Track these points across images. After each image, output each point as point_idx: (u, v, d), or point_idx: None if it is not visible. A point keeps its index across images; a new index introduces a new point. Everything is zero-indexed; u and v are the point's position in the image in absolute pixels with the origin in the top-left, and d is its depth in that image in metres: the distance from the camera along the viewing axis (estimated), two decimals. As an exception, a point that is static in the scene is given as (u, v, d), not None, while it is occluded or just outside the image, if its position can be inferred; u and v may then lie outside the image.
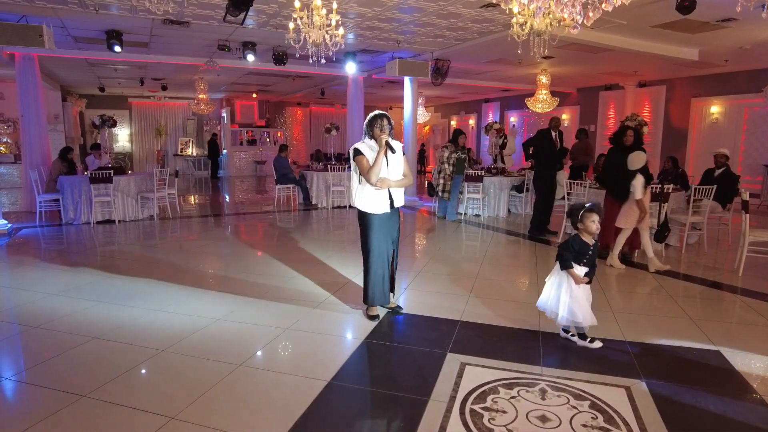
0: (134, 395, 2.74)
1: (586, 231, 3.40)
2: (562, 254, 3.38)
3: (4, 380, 2.93)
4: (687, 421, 2.56)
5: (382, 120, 3.67)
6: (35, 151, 9.08)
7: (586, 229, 3.39)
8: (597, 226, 3.39)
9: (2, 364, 3.17)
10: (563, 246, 3.42)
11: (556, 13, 3.34)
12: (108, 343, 3.44)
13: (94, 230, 7.62)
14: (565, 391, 2.83)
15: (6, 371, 3.06)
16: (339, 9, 6.61)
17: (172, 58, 9.98)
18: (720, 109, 11.97)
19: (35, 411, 2.58)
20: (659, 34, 7.77)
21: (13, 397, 2.81)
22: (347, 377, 2.99)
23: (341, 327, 3.78)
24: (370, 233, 3.79)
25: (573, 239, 3.40)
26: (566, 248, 3.38)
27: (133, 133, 18.41)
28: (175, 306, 4.19)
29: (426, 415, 2.56)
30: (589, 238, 3.40)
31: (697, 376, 3.07)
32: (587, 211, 3.38)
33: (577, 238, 3.40)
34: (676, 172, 7.85)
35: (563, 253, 3.38)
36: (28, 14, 6.79)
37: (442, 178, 8.51)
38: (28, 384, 2.90)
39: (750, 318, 4.19)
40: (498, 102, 18.68)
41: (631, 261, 5.94)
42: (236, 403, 2.67)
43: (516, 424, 2.49)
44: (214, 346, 3.40)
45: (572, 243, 3.38)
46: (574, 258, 3.35)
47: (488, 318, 3.97)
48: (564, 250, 3.38)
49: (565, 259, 3.36)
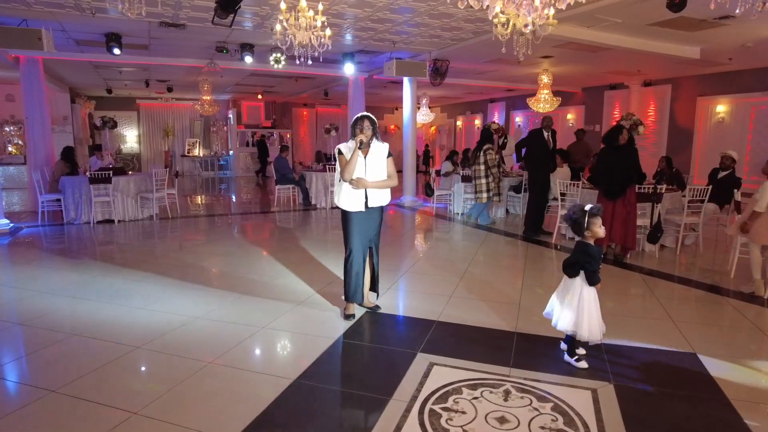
0: (102, 391, 2.79)
1: (594, 236, 3.20)
2: (592, 270, 3.10)
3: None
4: (649, 424, 2.54)
5: (363, 121, 3.72)
6: (39, 152, 9.26)
7: (594, 234, 3.18)
8: (604, 230, 3.22)
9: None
10: (583, 260, 3.12)
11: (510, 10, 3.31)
12: (86, 339, 3.51)
13: (94, 230, 7.75)
14: (530, 392, 2.82)
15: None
16: (331, 9, 6.67)
17: (173, 59, 10.10)
18: (726, 108, 11.77)
19: (1, 406, 2.64)
20: (657, 33, 7.66)
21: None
22: (314, 376, 3.01)
23: (317, 326, 3.80)
24: (347, 229, 3.86)
25: (588, 248, 3.15)
26: (589, 261, 3.11)
27: (141, 134, 18.65)
28: (158, 304, 4.25)
29: (384, 414, 2.57)
30: (591, 242, 3.22)
31: (668, 379, 3.04)
32: (593, 216, 3.16)
33: (590, 247, 3.17)
34: (671, 172, 7.75)
35: (593, 269, 3.10)
36: (28, 18, 6.93)
37: (485, 179, 8.29)
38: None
39: (734, 321, 4.13)
40: (503, 102, 18.58)
41: (624, 262, 5.87)
42: (200, 400, 2.70)
43: (473, 425, 2.48)
44: (190, 343, 3.45)
45: (591, 253, 3.13)
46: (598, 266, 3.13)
47: (466, 319, 3.96)
48: (591, 265, 3.10)
49: (596, 274, 3.11)
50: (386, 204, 3.95)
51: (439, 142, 22.46)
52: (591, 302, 3.15)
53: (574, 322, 3.14)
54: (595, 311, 3.16)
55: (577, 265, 3.16)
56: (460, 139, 21.01)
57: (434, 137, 22.89)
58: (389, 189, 3.93)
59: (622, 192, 5.66)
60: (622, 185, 5.64)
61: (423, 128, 21.47)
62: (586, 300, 3.14)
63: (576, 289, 3.17)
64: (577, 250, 3.20)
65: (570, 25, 7.25)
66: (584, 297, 3.14)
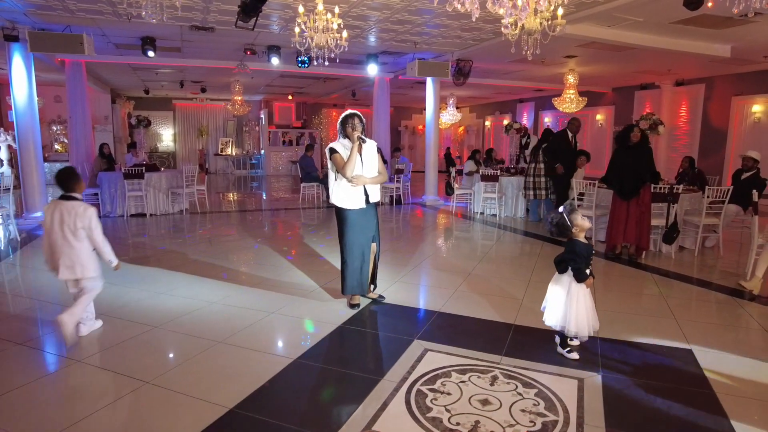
0: (121, 363, 3.07)
1: (582, 229, 3.22)
2: (577, 267, 3.13)
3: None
4: (627, 413, 2.61)
5: (353, 119, 3.89)
6: (81, 150, 9.87)
7: (582, 227, 3.21)
8: (587, 219, 3.28)
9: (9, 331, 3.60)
10: (572, 259, 3.16)
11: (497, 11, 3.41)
12: (111, 319, 3.82)
13: (127, 222, 8.23)
14: (517, 379, 2.93)
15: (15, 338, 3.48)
16: (351, 12, 6.88)
17: (204, 61, 10.57)
18: (763, 108, 11.36)
19: (33, 371, 2.96)
20: (682, 31, 7.53)
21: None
22: (313, 357, 3.21)
23: (321, 314, 4.00)
24: (345, 228, 3.99)
25: (577, 246, 3.18)
26: (576, 259, 3.14)
27: (177, 133, 19.43)
28: (178, 290, 4.55)
29: (373, 392, 2.74)
30: (582, 238, 3.26)
31: (658, 372, 3.08)
32: (572, 213, 3.22)
33: (579, 244, 3.19)
34: (693, 173, 7.60)
35: (578, 266, 3.13)
36: (72, 24, 7.45)
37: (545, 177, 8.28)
38: (31, 348, 3.30)
39: (737, 320, 4.10)
40: (532, 102, 18.41)
41: (638, 262, 5.84)
42: (206, 374, 2.94)
43: (455, 406, 2.62)
44: (202, 325, 3.71)
45: (579, 251, 3.16)
46: (586, 264, 3.17)
47: (467, 311, 4.08)
48: (575, 263, 3.14)
49: (582, 271, 3.14)
50: (380, 199, 4.11)
51: (467, 142, 22.41)
52: (580, 299, 3.18)
53: (562, 318, 3.20)
54: (584, 308, 3.19)
55: (565, 263, 3.22)
56: (489, 140, 20.91)
57: (462, 137, 22.86)
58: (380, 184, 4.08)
59: (636, 192, 5.63)
60: (636, 185, 5.61)
61: (451, 128, 21.52)
62: (575, 296, 3.18)
63: (565, 285, 3.23)
64: (566, 248, 3.25)
65: (590, 25, 7.23)
66: (573, 293, 3.19)
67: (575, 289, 3.18)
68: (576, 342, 3.38)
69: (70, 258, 3.31)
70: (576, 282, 3.18)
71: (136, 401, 2.64)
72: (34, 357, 3.21)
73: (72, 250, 3.31)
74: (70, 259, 3.31)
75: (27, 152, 8.00)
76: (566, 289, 3.20)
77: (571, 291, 3.18)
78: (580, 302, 3.17)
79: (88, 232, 3.35)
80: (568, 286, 3.20)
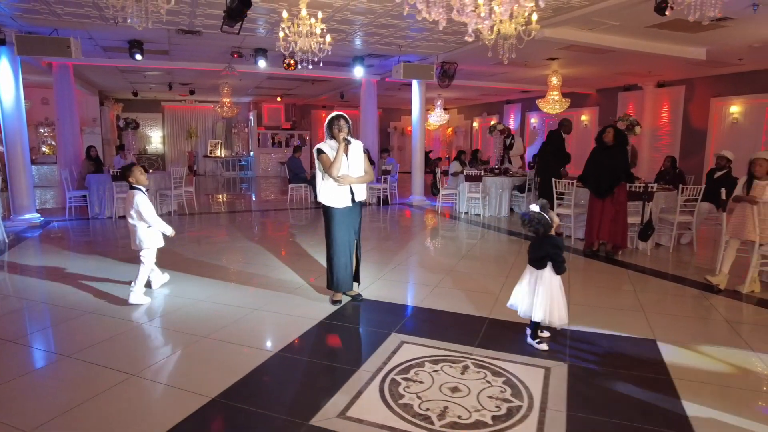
0: (108, 357, 3.18)
1: (557, 226, 3.45)
2: (561, 260, 3.31)
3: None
4: (589, 398, 2.78)
5: (339, 121, 4.03)
6: (69, 152, 9.91)
7: (557, 224, 3.41)
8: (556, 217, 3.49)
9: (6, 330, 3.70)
10: (554, 253, 3.32)
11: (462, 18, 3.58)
12: (99, 317, 3.92)
13: (115, 224, 8.30)
14: (487, 368, 3.08)
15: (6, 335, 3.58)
16: (335, 16, 7.02)
17: (193, 64, 10.64)
18: (740, 108, 11.66)
19: (26, 366, 3.07)
20: (658, 34, 7.76)
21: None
22: (294, 350, 3.35)
23: (305, 309, 4.13)
24: (332, 225, 4.14)
25: (558, 241, 3.41)
26: (558, 253, 3.32)
27: (166, 135, 19.43)
28: (165, 289, 4.66)
29: (349, 381, 2.88)
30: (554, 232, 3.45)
31: (621, 361, 3.25)
32: (547, 210, 3.40)
33: (558, 239, 3.43)
34: (674, 172, 7.83)
35: (562, 259, 3.32)
36: (59, 27, 7.51)
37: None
38: (21, 345, 3.41)
39: (703, 312, 4.29)
40: (519, 103, 18.66)
41: (615, 259, 6.03)
42: (189, 367, 3.07)
43: (426, 393, 2.77)
44: (189, 321, 3.83)
45: (560, 245, 3.39)
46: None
47: (444, 306, 4.24)
48: (558, 256, 3.32)
49: (563, 264, 3.32)
50: (365, 198, 4.27)
51: (455, 143, 22.63)
52: (559, 290, 3.39)
53: (546, 311, 3.35)
54: (562, 298, 3.39)
55: (547, 258, 3.38)
56: (477, 141, 21.14)
57: (451, 138, 23.07)
58: (366, 184, 4.23)
59: (610, 191, 5.83)
60: (611, 184, 5.81)
61: (440, 130, 21.73)
62: (556, 288, 3.38)
63: (546, 279, 3.38)
64: (547, 244, 3.39)
65: (568, 28, 7.43)
66: (555, 286, 3.37)
67: (556, 282, 3.36)
68: (546, 334, 3.54)
69: (133, 234, 4.31)
70: (556, 274, 3.35)
71: (123, 392, 2.75)
72: (24, 353, 3.31)
73: (133, 228, 4.30)
74: (133, 234, 4.31)
75: (14, 155, 8.05)
76: (548, 282, 3.34)
77: (554, 284, 3.35)
78: (559, 293, 3.36)
79: (137, 214, 4.22)
80: (550, 279, 3.34)
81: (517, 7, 3.73)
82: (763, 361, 3.24)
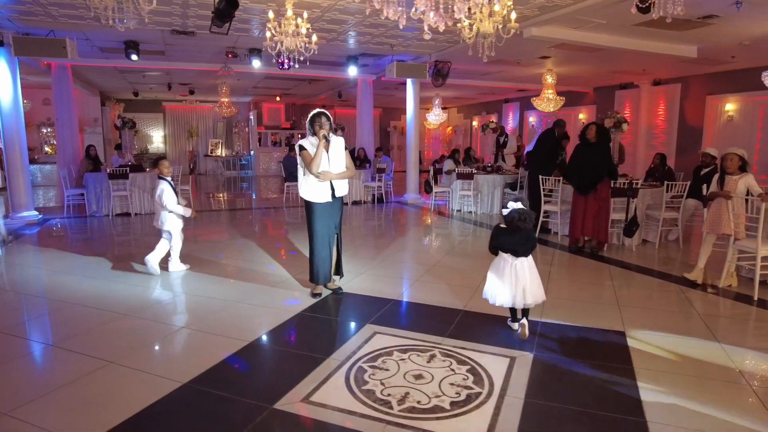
0: (89, 346, 3.30)
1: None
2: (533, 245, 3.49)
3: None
4: (548, 385, 2.87)
5: (320, 118, 4.13)
6: (68, 151, 10.07)
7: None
8: None
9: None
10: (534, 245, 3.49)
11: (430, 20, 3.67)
12: (86, 308, 4.05)
13: (112, 221, 8.44)
14: (453, 357, 3.17)
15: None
16: (324, 17, 7.13)
17: (189, 64, 10.78)
18: (735, 106, 11.67)
19: (18, 353, 3.20)
20: (646, 32, 7.80)
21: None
22: (269, 340, 3.45)
23: (284, 302, 4.24)
24: (313, 220, 4.26)
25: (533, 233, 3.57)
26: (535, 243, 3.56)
27: (167, 135, 19.62)
28: (151, 282, 4.78)
29: (318, 369, 2.98)
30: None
31: (587, 351, 3.34)
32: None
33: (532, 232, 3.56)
34: (663, 169, 7.88)
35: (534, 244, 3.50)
36: (55, 29, 7.66)
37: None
38: (11, 336, 3.53)
39: (676, 305, 4.36)
40: (518, 102, 18.71)
41: (599, 255, 6.09)
42: (166, 355, 3.19)
43: (390, 380, 2.87)
44: (170, 313, 3.95)
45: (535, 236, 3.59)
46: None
47: (421, 299, 4.33)
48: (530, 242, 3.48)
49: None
50: (346, 194, 4.36)
51: (455, 142, 22.68)
52: (536, 269, 3.50)
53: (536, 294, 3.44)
54: (537, 277, 3.49)
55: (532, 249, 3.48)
56: (476, 139, 21.19)
57: (450, 137, 23.13)
58: (347, 180, 4.33)
59: (593, 187, 5.90)
60: (593, 181, 5.88)
61: (439, 128, 21.80)
62: (534, 268, 3.48)
63: (527, 264, 3.45)
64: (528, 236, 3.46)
65: (556, 27, 7.49)
66: (533, 266, 3.47)
67: (532, 262, 3.47)
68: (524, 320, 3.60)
69: (157, 214, 5.10)
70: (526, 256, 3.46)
71: (100, 377, 2.87)
72: (13, 342, 3.44)
73: (157, 211, 5.08)
74: (157, 215, 5.10)
75: (13, 154, 8.20)
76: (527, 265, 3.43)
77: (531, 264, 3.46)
78: (535, 271, 3.48)
79: (160, 201, 4.95)
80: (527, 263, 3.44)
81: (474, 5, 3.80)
82: (725, 351, 3.31)
